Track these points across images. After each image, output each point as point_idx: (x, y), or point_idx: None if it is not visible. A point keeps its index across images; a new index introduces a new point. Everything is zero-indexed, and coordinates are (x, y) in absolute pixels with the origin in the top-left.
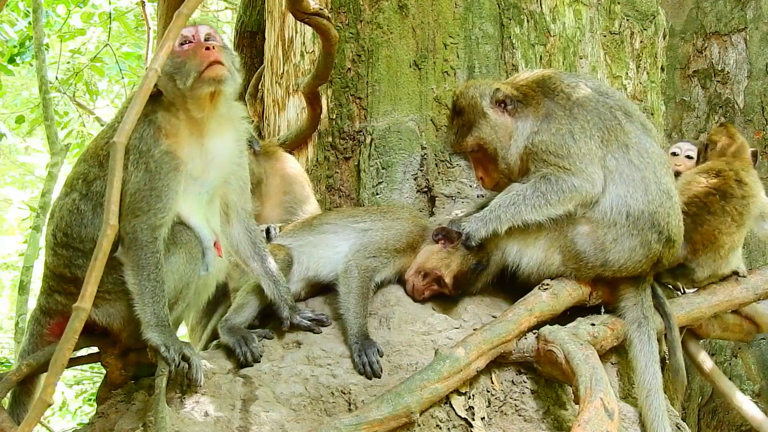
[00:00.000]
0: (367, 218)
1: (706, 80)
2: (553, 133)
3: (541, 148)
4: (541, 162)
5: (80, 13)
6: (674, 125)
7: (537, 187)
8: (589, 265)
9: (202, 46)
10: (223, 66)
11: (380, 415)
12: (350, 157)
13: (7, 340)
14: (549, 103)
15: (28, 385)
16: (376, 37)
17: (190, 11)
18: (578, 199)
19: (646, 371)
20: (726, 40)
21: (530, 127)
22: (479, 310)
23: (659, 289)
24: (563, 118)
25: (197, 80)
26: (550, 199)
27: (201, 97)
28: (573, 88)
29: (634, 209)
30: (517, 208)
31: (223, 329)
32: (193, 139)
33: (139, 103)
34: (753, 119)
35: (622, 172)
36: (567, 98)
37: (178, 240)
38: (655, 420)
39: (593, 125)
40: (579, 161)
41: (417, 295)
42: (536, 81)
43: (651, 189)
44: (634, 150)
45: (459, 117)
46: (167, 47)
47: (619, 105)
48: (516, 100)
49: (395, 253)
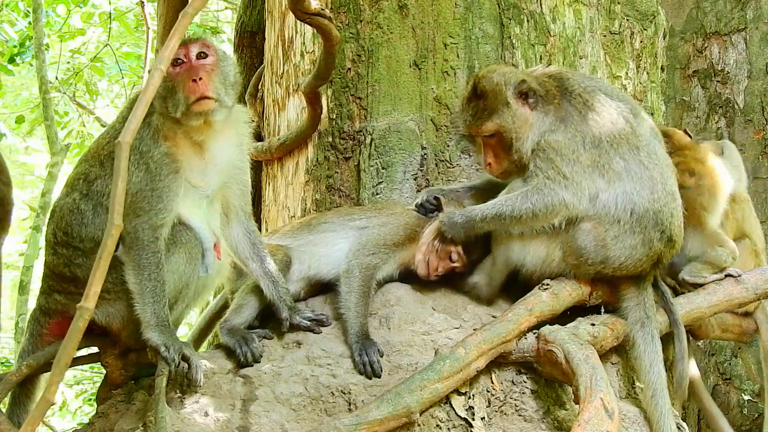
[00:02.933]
0: (363, 216)
1: (706, 80)
2: (568, 137)
3: (553, 147)
4: (545, 161)
5: (80, 13)
6: (674, 125)
7: (527, 198)
8: (589, 261)
9: (191, 76)
10: (209, 100)
11: (380, 415)
12: (350, 157)
13: (7, 340)
14: (566, 105)
15: (27, 385)
16: (376, 37)
17: (195, 11)
18: (564, 215)
19: (651, 371)
20: (726, 40)
21: (547, 125)
22: (479, 310)
23: (663, 286)
24: (579, 124)
25: (185, 114)
26: (537, 213)
27: (193, 126)
28: (590, 94)
29: (639, 206)
30: (501, 221)
31: (223, 330)
32: (192, 145)
33: (144, 103)
34: (753, 119)
35: (630, 170)
36: (584, 103)
37: (178, 240)
38: (660, 419)
39: (603, 128)
40: (581, 171)
41: (432, 273)
42: (555, 79)
43: (657, 188)
44: (644, 151)
45: (480, 100)
46: (172, 47)
47: (631, 109)
48: (538, 95)
49: (394, 247)
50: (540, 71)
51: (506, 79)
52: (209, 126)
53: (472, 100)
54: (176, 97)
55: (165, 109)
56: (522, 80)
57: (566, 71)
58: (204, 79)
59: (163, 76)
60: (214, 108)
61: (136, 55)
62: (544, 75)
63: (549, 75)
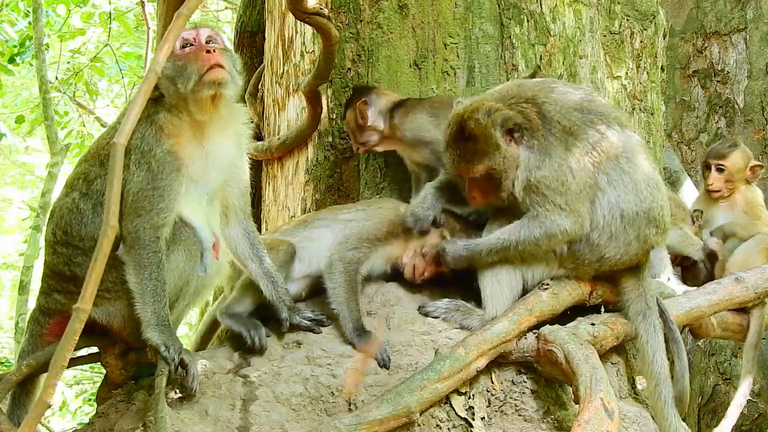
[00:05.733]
0: (352, 210)
1: (706, 80)
2: (555, 170)
3: (544, 184)
4: (540, 196)
5: (80, 13)
6: (674, 125)
7: (531, 232)
8: (586, 262)
9: (203, 49)
10: (223, 69)
11: (380, 415)
12: (350, 157)
13: (7, 340)
14: (548, 135)
15: (27, 385)
16: (376, 37)
17: (190, 12)
18: (567, 239)
19: (654, 361)
20: (726, 40)
21: (533, 161)
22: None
23: (663, 304)
24: (562, 153)
25: (198, 83)
26: (541, 243)
27: (202, 100)
28: (563, 115)
29: (627, 211)
30: (505, 252)
31: (225, 316)
32: (195, 141)
33: (140, 104)
34: (753, 119)
35: (612, 181)
36: (562, 129)
37: (177, 237)
38: (664, 409)
39: (585, 153)
40: (575, 198)
41: (417, 276)
42: (534, 104)
43: (641, 188)
44: (624, 158)
45: (468, 142)
46: (167, 48)
47: (599, 115)
48: (524, 128)
49: (376, 242)
50: (519, 95)
51: (493, 119)
52: (216, 105)
53: (460, 141)
54: (187, 72)
55: (174, 88)
56: (507, 118)
57: (543, 91)
58: (217, 51)
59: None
60: (226, 79)
61: (136, 55)
62: (523, 100)
63: (527, 99)
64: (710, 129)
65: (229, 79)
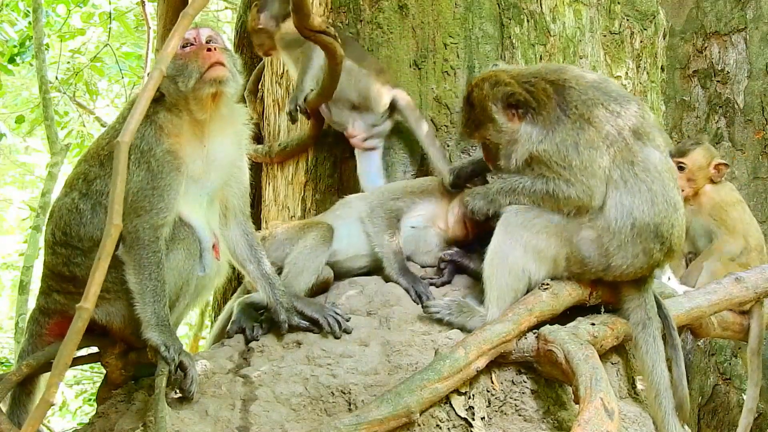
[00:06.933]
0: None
1: (706, 80)
2: (557, 143)
3: (545, 157)
4: (544, 166)
5: (80, 13)
6: (674, 125)
7: (540, 187)
8: (592, 270)
9: (204, 48)
10: (224, 67)
11: (380, 415)
12: (350, 157)
13: (7, 340)
14: (560, 114)
15: (27, 385)
16: (376, 37)
17: (196, 12)
18: (572, 206)
19: (654, 372)
20: (726, 40)
21: (536, 135)
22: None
23: (666, 309)
24: (571, 130)
25: (199, 81)
26: (547, 200)
27: (203, 98)
28: (588, 107)
29: (639, 221)
30: (516, 196)
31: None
32: (195, 141)
33: (144, 103)
34: (753, 119)
35: (627, 181)
36: (580, 115)
37: (176, 236)
38: (665, 418)
39: (600, 139)
40: (580, 173)
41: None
42: (554, 86)
43: (658, 200)
44: (640, 166)
45: (470, 109)
46: (172, 47)
47: (630, 125)
48: (529, 107)
49: (420, 194)
50: (542, 73)
51: (495, 92)
52: (216, 104)
53: (465, 105)
54: (188, 70)
55: (175, 87)
56: (510, 93)
57: (571, 77)
58: (217, 50)
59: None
60: (227, 77)
61: (136, 55)
62: (544, 80)
63: (549, 81)
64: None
65: (230, 77)
